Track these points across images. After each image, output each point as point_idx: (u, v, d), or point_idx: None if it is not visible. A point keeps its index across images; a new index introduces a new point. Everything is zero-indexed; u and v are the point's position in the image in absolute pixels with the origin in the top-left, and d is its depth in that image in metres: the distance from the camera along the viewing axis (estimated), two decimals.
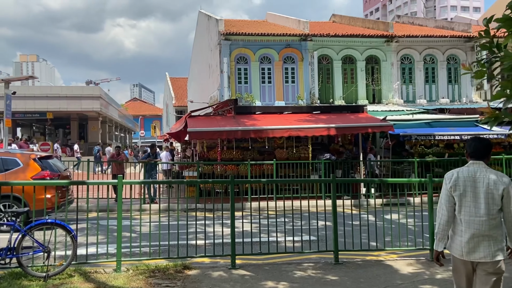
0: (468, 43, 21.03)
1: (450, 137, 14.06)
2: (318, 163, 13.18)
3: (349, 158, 13.39)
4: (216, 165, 13.32)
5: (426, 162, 14.21)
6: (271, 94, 20.16)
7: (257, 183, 13.19)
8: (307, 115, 14.22)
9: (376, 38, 20.59)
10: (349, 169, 13.36)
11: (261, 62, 20.18)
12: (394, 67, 20.80)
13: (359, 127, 12.84)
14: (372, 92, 20.94)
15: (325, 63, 20.63)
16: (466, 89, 21.22)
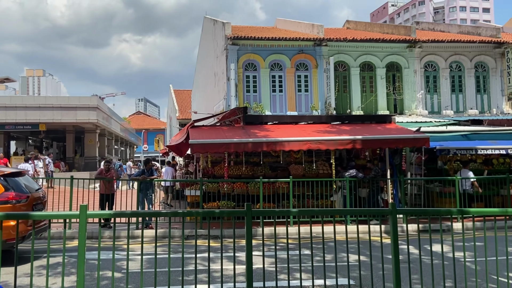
0: (497, 49, 19.18)
1: (493, 151, 12.10)
2: (342, 181, 11.23)
3: (378, 176, 11.43)
4: (222, 183, 11.41)
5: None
6: (282, 103, 18.35)
7: (272, 207, 11.26)
8: (327, 126, 12.33)
9: (398, 44, 18.81)
10: (378, 189, 11.40)
11: (271, 69, 18.43)
12: (417, 74, 18.95)
13: (390, 139, 10.92)
14: (394, 102, 19.06)
15: (341, 71, 18.83)
16: (496, 99, 19.30)
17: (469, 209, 4.34)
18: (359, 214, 4.16)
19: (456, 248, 7.34)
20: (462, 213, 4.31)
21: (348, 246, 4.86)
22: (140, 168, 11.24)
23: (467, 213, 4.30)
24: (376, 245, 8.82)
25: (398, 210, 4.29)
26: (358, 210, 6.70)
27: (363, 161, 14.45)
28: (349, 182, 10.98)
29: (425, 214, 4.01)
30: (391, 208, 4.28)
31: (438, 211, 4.24)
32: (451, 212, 4.26)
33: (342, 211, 6.81)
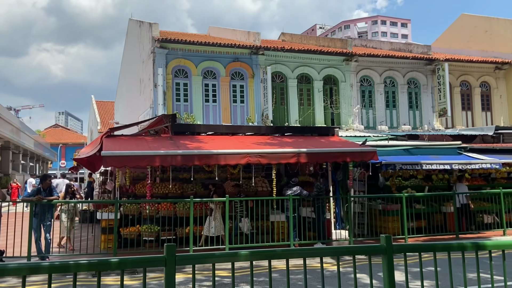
0: (428, 66, 19.51)
1: (438, 166, 11.60)
2: (286, 200, 9.91)
3: (322, 192, 10.28)
4: (144, 204, 9.50)
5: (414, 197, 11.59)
6: (216, 114, 16.83)
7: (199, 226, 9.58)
8: (267, 138, 11.02)
9: (335, 56, 18.32)
10: (323, 207, 10.24)
11: (204, 77, 16.89)
12: (353, 89, 18.57)
13: (337, 153, 9.85)
14: (331, 116, 18.44)
15: (278, 82, 17.85)
16: (428, 115, 19.52)
17: (485, 242, 3.10)
18: (344, 254, 2.64)
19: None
20: (478, 247, 3.06)
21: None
22: (37, 186, 8.97)
23: (484, 247, 3.06)
24: (325, 275, 7.52)
25: (395, 247, 2.93)
26: (342, 248, 5.23)
27: (303, 177, 13.33)
28: (293, 201, 9.67)
29: (431, 249, 2.64)
30: (385, 243, 2.91)
31: (449, 246, 2.94)
32: (464, 246, 2.99)
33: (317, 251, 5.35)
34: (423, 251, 2.98)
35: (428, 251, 3.00)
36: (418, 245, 3.01)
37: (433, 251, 3.00)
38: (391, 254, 2.90)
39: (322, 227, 10.19)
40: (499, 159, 12.34)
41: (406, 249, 2.96)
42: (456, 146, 13.30)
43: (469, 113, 20.32)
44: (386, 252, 2.88)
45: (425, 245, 3.01)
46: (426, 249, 2.98)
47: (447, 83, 18.75)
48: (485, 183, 14.01)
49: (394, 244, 2.93)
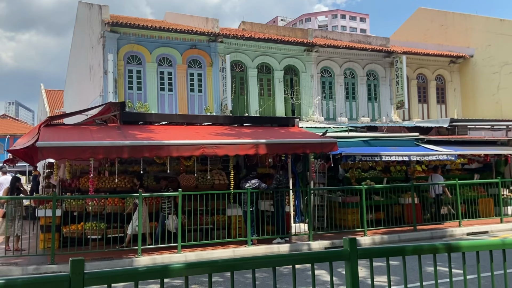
0: (387, 58, 19.60)
1: (397, 158, 11.53)
2: (243, 194, 9.43)
3: (282, 186, 9.88)
4: (88, 200, 8.71)
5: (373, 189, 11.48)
6: (172, 104, 16.03)
7: None
8: (225, 128, 10.47)
9: (295, 46, 17.96)
10: (283, 201, 9.85)
11: (159, 64, 16.02)
12: (314, 80, 18.32)
13: (297, 144, 9.47)
14: (291, 107, 18.11)
15: (238, 71, 17.27)
16: (386, 107, 19.65)
17: (459, 243, 2.73)
18: (302, 262, 2.13)
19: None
20: (450, 249, 2.69)
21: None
22: None
23: (457, 249, 2.69)
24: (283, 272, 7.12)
25: (360, 252, 2.49)
26: (301, 256, 4.61)
27: (263, 169, 12.92)
28: (251, 194, 9.21)
29: (400, 253, 2.19)
30: (349, 247, 2.47)
31: (420, 249, 2.54)
32: (436, 248, 2.62)
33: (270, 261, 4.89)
34: (391, 254, 2.57)
35: (396, 254, 2.58)
36: (385, 249, 2.59)
37: (402, 255, 2.59)
38: (355, 259, 2.46)
39: (282, 221, 9.82)
40: (455, 151, 12.48)
41: (372, 253, 2.53)
42: (414, 138, 13.34)
43: (425, 105, 20.68)
44: (350, 257, 2.45)
45: (393, 249, 2.60)
46: (395, 252, 2.56)
47: (404, 76, 18.91)
48: (441, 174, 14.20)
49: (359, 248, 2.49)
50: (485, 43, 20.33)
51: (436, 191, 12.19)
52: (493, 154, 13.21)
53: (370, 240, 9.99)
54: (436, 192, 12.24)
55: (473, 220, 11.79)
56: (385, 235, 10.29)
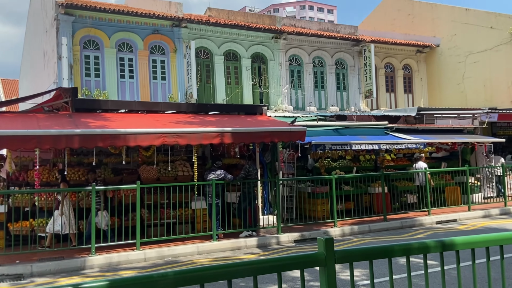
0: (355, 47, 19.40)
1: (367, 146, 11.26)
2: (208, 186, 8.87)
3: (251, 176, 9.38)
4: (36, 194, 7.89)
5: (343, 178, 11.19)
6: (133, 92, 15.16)
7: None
8: (188, 116, 9.82)
9: (263, 33, 17.43)
10: (252, 192, 9.36)
11: (119, 50, 15.09)
12: (282, 68, 17.86)
13: (265, 132, 8.97)
14: (260, 95, 17.61)
15: (204, 58, 16.56)
16: (355, 96, 19.50)
17: (453, 240, 2.30)
18: (269, 271, 1.56)
19: None
20: (444, 247, 2.26)
21: None
22: None
23: (451, 246, 2.26)
24: None
25: (339, 256, 2.00)
26: (267, 263, 4.02)
27: (230, 159, 12.37)
28: (216, 186, 8.65)
29: (386, 254, 1.66)
30: (325, 250, 1.98)
31: (408, 248, 2.09)
32: (427, 247, 2.19)
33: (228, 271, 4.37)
34: (377, 257, 2.10)
35: (382, 257, 2.11)
36: (369, 250, 2.11)
37: (389, 257, 2.12)
38: (333, 265, 1.97)
39: (250, 214, 9.34)
40: (423, 139, 12.37)
41: (354, 256, 2.04)
42: (383, 126, 13.15)
43: (392, 95, 20.69)
44: (326, 263, 1.95)
45: (378, 250, 2.13)
46: (380, 254, 2.09)
47: (373, 65, 18.78)
48: (409, 163, 14.12)
49: (337, 250, 2.00)
50: (451, 32, 20.50)
51: (421, 179, 12.10)
52: (461, 142, 13.24)
53: (340, 231, 9.69)
54: (420, 180, 12.17)
55: (442, 209, 11.74)
56: (355, 226, 10.01)
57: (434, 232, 9.75)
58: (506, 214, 11.68)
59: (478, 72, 19.53)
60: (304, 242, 8.93)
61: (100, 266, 7.29)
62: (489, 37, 19.00)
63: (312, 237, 9.27)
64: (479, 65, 19.48)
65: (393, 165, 13.71)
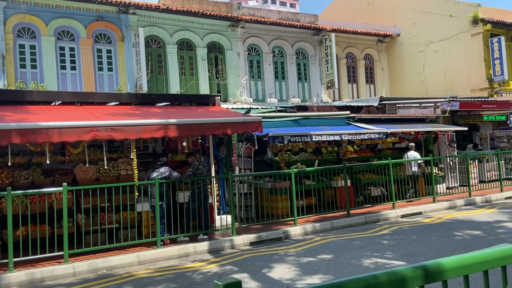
0: (316, 36, 18.76)
1: (328, 137, 10.57)
2: (150, 186, 7.85)
3: (201, 173, 8.43)
4: None
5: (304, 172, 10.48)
6: (76, 85, 13.81)
7: None
8: (130, 108, 8.75)
9: (219, 21, 16.42)
10: (205, 191, 8.41)
11: (59, 39, 13.68)
12: (241, 58, 16.95)
13: (215, 124, 8.05)
14: (217, 87, 16.62)
15: (155, 47, 15.38)
16: (316, 87, 18.88)
17: (441, 263, 1.46)
18: None
19: None
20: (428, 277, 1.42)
21: None
22: None
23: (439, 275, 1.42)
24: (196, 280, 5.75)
25: None
26: None
27: (182, 155, 11.37)
28: (160, 185, 7.65)
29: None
30: None
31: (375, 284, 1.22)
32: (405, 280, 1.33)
33: None
34: None
35: None
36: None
37: None
38: None
39: (204, 215, 8.40)
40: (386, 129, 11.84)
41: None
42: (345, 117, 12.54)
43: (354, 85, 20.25)
44: None
45: None
46: None
47: (334, 54, 18.21)
48: (372, 154, 13.63)
49: None
50: (411, 21, 20.27)
51: (413, 168, 11.96)
52: (424, 131, 12.83)
53: (301, 229, 8.94)
54: (412, 169, 12.00)
55: (404, 202, 11.25)
56: (317, 223, 9.29)
57: (400, 226, 9.18)
58: (471, 205, 11.34)
59: (438, 61, 19.39)
60: (261, 244, 8.10)
61: (19, 284, 6.16)
62: (449, 25, 18.87)
63: (270, 238, 8.46)
64: (439, 54, 19.34)
65: (356, 157, 13.15)
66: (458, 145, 18.16)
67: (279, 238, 8.58)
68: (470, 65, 18.35)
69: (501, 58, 17.50)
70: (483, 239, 7.47)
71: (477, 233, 7.98)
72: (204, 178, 8.26)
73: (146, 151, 12.17)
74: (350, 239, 8.20)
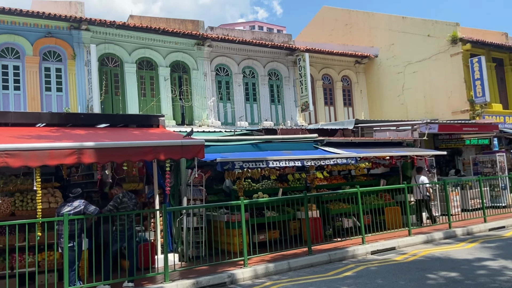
0: (290, 56, 17.86)
1: (288, 163, 9.35)
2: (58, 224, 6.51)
3: (126, 207, 7.09)
4: None
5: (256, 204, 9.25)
6: (20, 106, 12.58)
7: None
8: (50, 130, 7.50)
9: (184, 39, 15.43)
10: (131, 228, 7.05)
11: (2, 56, 12.53)
12: (208, 78, 15.90)
13: (143, 148, 6.81)
14: (181, 109, 15.48)
15: (112, 66, 14.27)
16: (290, 110, 17.83)
17: None
18: None
19: None
20: None
21: None
22: None
23: None
24: None
25: None
26: None
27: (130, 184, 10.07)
28: (71, 222, 6.31)
29: None
30: None
31: None
32: None
33: None
34: None
35: None
36: None
37: None
38: None
39: (130, 258, 7.04)
40: (357, 153, 10.69)
41: None
42: (312, 140, 11.39)
43: (331, 108, 19.27)
44: None
45: None
46: None
47: (308, 75, 17.28)
48: (344, 181, 12.43)
49: None
50: (389, 42, 19.54)
51: (421, 194, 11.54)
52: (398, 155, 11.70)
53: (251, 272, 7.61)
54: (420, 194, 11.66)
55: (379, 235, 10.00)
56: (271, 264, 7.96)
57: (367, 266, 7.89)
58: (451, 238, 10.11)
59: (418, 83, 18.55)
60: None
61: None
62: (427, 45, 18.13)
63: (211, 284, 7.11)
64: (418, 75, 18.53)
65: (326, 185, 11.95)
66: (441, 170, 17.12)
67: (223, 283, 7.23)
68: (450, 87, 17.51)
69: (482, 79, 16.69)
70: (459, 284, 6.22)
71: (454, 276, 6.73)
72: (129, 213, 6.92)
73: (90, 180, 10.90)
74: (305, 284, 6.89)
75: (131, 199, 7.13)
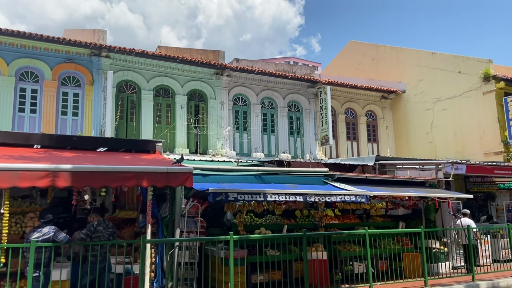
0: (311, 88, 17.42)
1: (289, 198, 8.67)
2: (25, 251, 6.13)
3: (103, 237, 6.65)
4: None
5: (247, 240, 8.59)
6: (34, 129, 12.73)
7: None
8: (37, 151, 7.32)
9: (202, 68, 15.39)
10: (105, 260, 6.58)
11: (21, 79, 12.86)
12: (225, 108, 15.68)
13: (125, 173, 6.44)
14: (195, 138, 15.24)
15: (129, 93, 14.35)
16: (310, 143, 17.20)
17: None
18: None
19: None
20: None
21: None
22: None
23: None
24: None
25: None
26: None
27: (124, 212, 9.74)
28: (38, 250, 5.93)
29: None
30: None
31: None
32: None
33: None
34: None
35: None
36: None
37: None
38: None
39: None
40: (369, 191, 9.85)
41: None
42: (323, 174, 10.67)
43: (354, 143, 18.46)
44: None
45: None
46: None
47: (329, 108, 16.72)
48: (358, 221, 11.52)
49: None
50: (417, 77, 18.74)
51: (472, 238, 10.70)
52: (417, 196, 10.72)
53: None
54: (466, 239, 10.91)
55: (390, 284, 9.00)
56: None
57: None
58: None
59: (448, 121, 17.50)
60: None
61: None
62: (458, 82, 17.19)
63: None
64: (448, 112, 17.50)
65: (337, 224, 11.08)
66: (473, 216, 15.73)
67: None
68: (482, 126, 16.35)
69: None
70: None
71: None
72: (102, 243, 6.47)
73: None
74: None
75: (107, 228, 6.70)
